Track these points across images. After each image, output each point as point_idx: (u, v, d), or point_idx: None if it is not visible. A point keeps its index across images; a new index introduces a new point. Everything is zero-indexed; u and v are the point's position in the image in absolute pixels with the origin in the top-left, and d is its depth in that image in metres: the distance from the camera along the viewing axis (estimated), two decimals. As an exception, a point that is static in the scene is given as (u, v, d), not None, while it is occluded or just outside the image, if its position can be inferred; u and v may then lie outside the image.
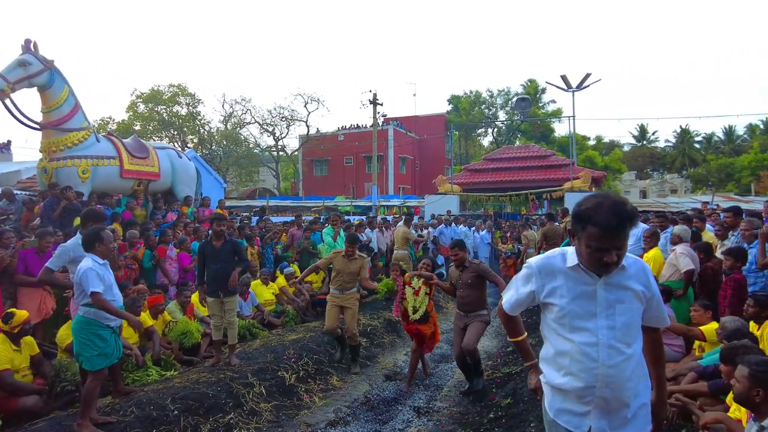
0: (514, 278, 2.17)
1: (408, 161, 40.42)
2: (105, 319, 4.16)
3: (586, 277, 1.88)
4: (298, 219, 11.36)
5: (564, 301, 1.92)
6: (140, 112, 34.94)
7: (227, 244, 5.74)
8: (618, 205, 1.75)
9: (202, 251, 5.78)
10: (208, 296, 5.69)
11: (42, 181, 9.37)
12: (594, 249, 1.78)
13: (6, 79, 8.40)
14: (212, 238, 5.81)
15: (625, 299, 1.86)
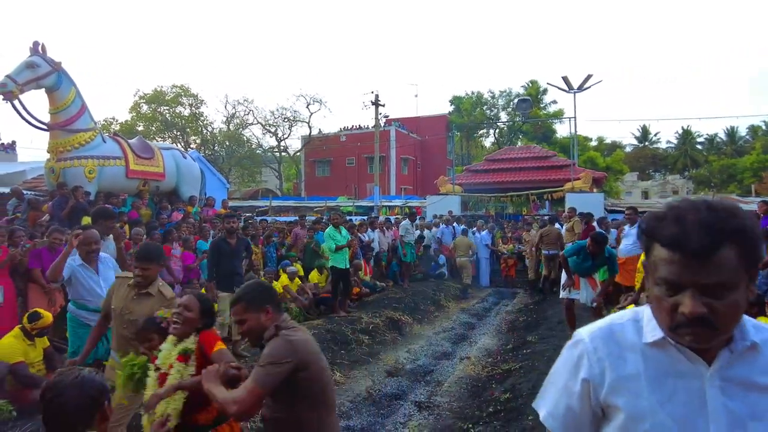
0: (553, 370, 1.23)
1: (410, 162, 40.55)
2: (83, 317, 4.23)
3: (682, 362, 1.04)
4: (302, 219, 11.50)
5: (642, 406, 1.04)
6: (143, 113, 35.13)
7: (241, 242, 5.92)
8: (708, 211, 0.97)
9: (217, 248, 5.91)
10: (220, 291, 5.81)
11: (50, 181, 9.52)
12: (666, 289, 0.99)
13: (15, 80, 8.56)
14: (226, 235, 5.94)
15: (766, 414, 0.99)
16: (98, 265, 4.35)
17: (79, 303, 4.27)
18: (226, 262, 5.86)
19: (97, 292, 4.27)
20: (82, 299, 4.26)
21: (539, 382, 4.96)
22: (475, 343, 7.94)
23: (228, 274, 5.81)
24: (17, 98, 8.70)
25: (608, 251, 6.23)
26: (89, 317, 4.24)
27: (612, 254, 6.24)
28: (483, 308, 10.75)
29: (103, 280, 4.33)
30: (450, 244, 13.17)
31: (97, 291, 4.27)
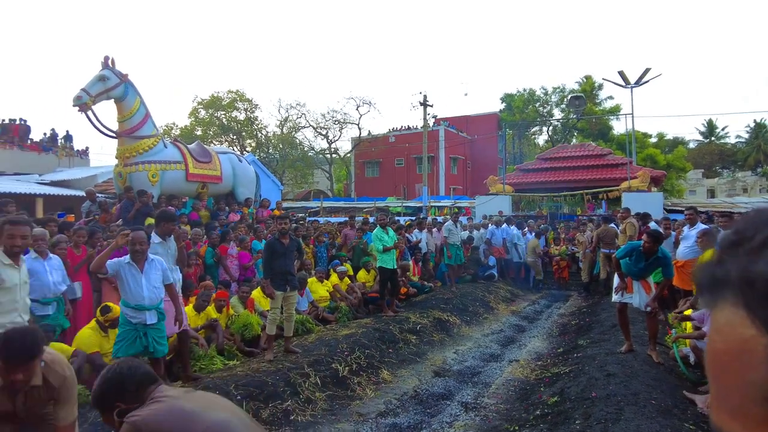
0: None
1: (459, 161, 40.22)
2: (126, 314, 4.58)
3: None
4: (351, 220, 11.73)
5: None
6: (201, 118, 36.67)
7: (293, 242, 6.25)
8: None
9: (272, 248, 6.19)
10: (276, 290, 6.10)
11: (118, 185, 10.20)
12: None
13: (88, 93, 9.25)
14: (279, 236, 6.22)
15: None
16: (145, 265, 4.62)
17: (124, 300, 4.60)
18: (279, 261, 6.13)
19: (139, 290, 4.57)
20: (125, 296, 4.58)
21: (588, 386, 4.91)
22: (524, 345, 7.84)
23: (281, 273, 6.08)
24: (90, 109, 9.40)
25: (662, 251, 5.91)
26: (130, 314, 4.56)
27: (666, 255, 5.90)
28: (534, 311, 10.57)
29: (146, 280, 4.60)
30: (500, 245, 13.02)
31: (139, 290, 4.57)
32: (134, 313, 4.57)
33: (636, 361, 5.41)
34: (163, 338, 4.76)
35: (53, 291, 5.23)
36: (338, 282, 8.99)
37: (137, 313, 4.57)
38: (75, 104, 9.29)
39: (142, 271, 4.60)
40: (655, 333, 5.81)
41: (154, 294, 4.64)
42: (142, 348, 4.57)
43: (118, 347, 4.54)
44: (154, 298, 4.64)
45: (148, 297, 4.59)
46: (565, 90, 40.58)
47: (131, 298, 4.57)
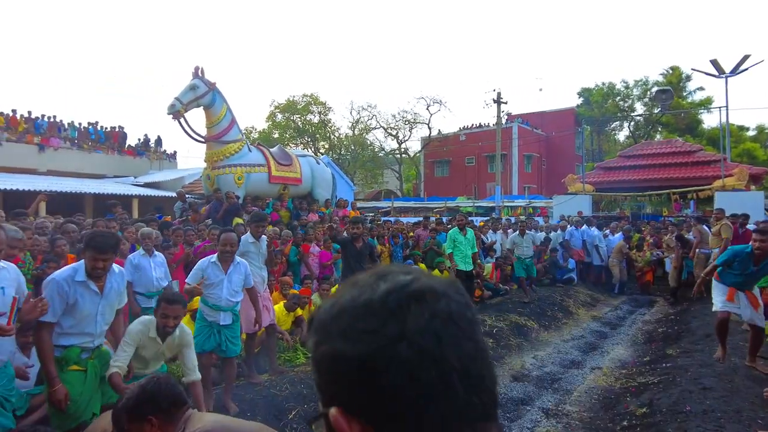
0: None
1: (534, 159, 39.07)
2: (204, 312, 4.67)
3: None
4: (425, 220, 11.78)
5: None
6: (278, 122, 38.23)
7: (365, 245, 6.34)
8: None
9: (344, 248, 6.37)
10: None
11: (206, 187, 10.91)
12: None
13: (181, 101, 9.97)
14: (352, 239, 6.35)
15: None
16: (230, 267, 4.67)
17: (203, 297, 4.69)
18: (350, 263, 6.26)
19: (219, 292, 4.61)
20: (205, 294, 4.66)
21: (681, 399, 4.67)
22: (607, 353, 7.53)
23: (351, 274, 6.25)
24: (183, 116, 10.13)
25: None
26: (207, 311, 4.65)
27: None
28: (616, 317, 10.10)
29: (228, 282, 4.63)
30: (579, 248, 12.54)
31: (219, 291, 4.61)
32: (210, 311, 4.62)
33: (737, 376, 5.05)
34: (236, 338, 4.78)
35: (156, 286, 5.69)
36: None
37: (213, 313, 4.61)
38: (169, 112, 10.04)
39: (226, 273, 4.64)
40: (758, 347, 5.32)
41: (232, 296, 4.66)
42: (215, 345, 4.60)
43: (195, 342, 4.63)
44: (231, 301, 4.66)
45: (226, 299, 4.62)
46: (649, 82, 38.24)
47: (210, 297, 4.62)
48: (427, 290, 0.56)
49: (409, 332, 0.52)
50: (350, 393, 0.54)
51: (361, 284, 0.59)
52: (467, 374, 0.54)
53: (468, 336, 0.55)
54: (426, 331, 0.52)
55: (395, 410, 0.52)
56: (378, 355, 0.52)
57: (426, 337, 0.52)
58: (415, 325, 0.52)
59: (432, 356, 0.52)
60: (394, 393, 0.51)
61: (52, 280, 3.16)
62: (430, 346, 0.52)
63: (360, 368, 0.53)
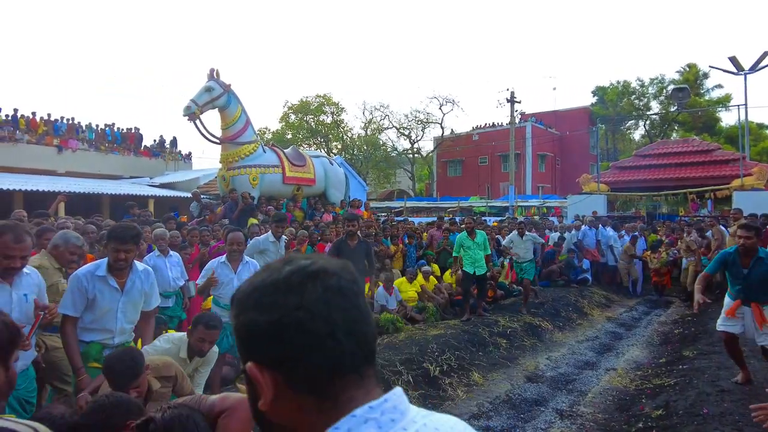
0: None
1: (548, 158, 38.79)
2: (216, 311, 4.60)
3: None
4: (440, 220, 11.78)
5: None
6: (291, 122, 38.46)
7: (361, 244, 6.02)
8: None
9: (338, 249, 6.04)
10: None
11: (221, 187, 11.03)
12: None
13: (197, 103, 10.10)
14: (347, 237, 6.09)
15: None
16: (239, 266, 4.70)
17: (215, 297, 4.72)
18: None
19: (228, 291, 4.61)
20: (216, 294, 4.68)
21: (698, 401, 4.63)
22: (622, 354, 7.47)
23: None
24: (198, 118, 10.25)
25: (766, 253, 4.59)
26: (219, 312, 4.59)
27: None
28: (631, 318, 10.01)
29: (238, 281, 4.62)
30: (593, 248, 12.43)
31: (229, 290, 4.61)
32: (221, 312, 4.60)
33: (755, 378, 4.98)
34: None
35: (172, 285, 5.78)
36: (424, 282, 9.08)
37: (225, 313, 4.60)
38: (185, 114, 10.18)
39: (235, 272, 4.68)
40: None
41: None
42: (228, 347, 4.57)
43: None
44: None
45: None
46: (665, 80, 37.80)
47: (221, 297, 4.65)
48: (322, 270, 0.71)
49: (306, 302, 0.68)
50: (262, 351, 0.70)
51: (272, 268, 0.74)
52: (351, 331, 0.70)
53: (353, 304, 0.72)
54: (319, 300, 0.69)
55: (295, 359, 0.68)
56: (282, 321, 0.68)
57: (318, 305, 0.69)
58: (310, 297, 0.69)
59: (323, 318, 0.68)
60: (294, 347, 0.68)
61: (74, 276, 3.24)
62: (321, 311, 0.68)
63: (268, 331, 0.69)
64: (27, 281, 2.91)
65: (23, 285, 2.85)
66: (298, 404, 0.69)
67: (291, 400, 0.69)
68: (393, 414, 0.69)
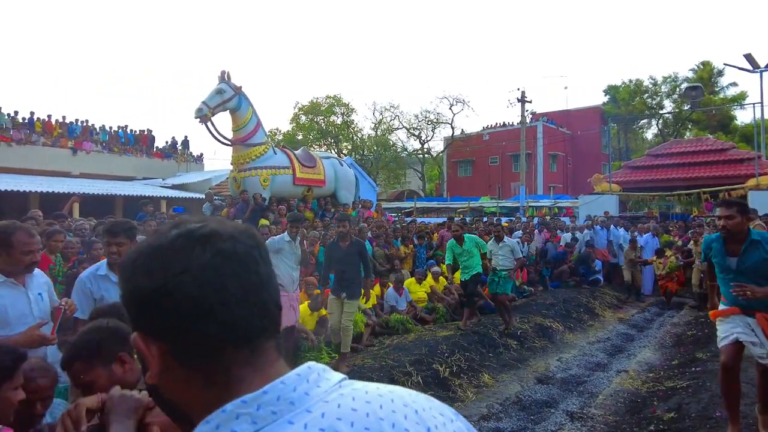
0: None
1: (559, 158, 38.54)
2: None
3: None
4: (450, 221, 11.77)
5: None
6: (302, 123, 38.63)
7: (353, 245, 5.84)
8: None
9: (329, 252, 5.89)
10: (331, 293, 5.84)
11: (233, 189, 11.13)
12: None
13: (208, 105, 10.19)
14: (338, 239, 5.90)
15: None
16: None
17: None
18: (338, 265, 5.79)
19: None
20: None
21: (711, 404, 4.59)
22: (633, 356, 7.41)
23: (339, 277, 5.74)
24: (210, 120, 10.34)
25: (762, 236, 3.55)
26: None
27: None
28: (644, 319, 9.92)
29: None
30: (604, 248, 12.34)
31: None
32: None
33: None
34: None
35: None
36: (434, 283, 9.09)
37: None
38: (196, 116, 10.28)
39: None
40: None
41: None
42: None
43: None
44: None
45: None
46: (678, 78, 37.40)
47: None
48: (213, 233, 0.66)
49: (193, 267, 0.63)
50: (147, 319, 0.65)
51: (159, 232, 0.69)
52: (247, 301, 0.65)
53: (252, 270, 0.66)
54: (207, 265, 0.63)
55: (182, 328, 0.63)
56: (166, 286, 0.63)
57: (206, 270, 0.63)
58: (197, 262, 0.63)
59: (212, 286, 0.63)
60: (180, 315, 0.63)
61: (78, 279, 3.31)
62: (210, 277, 0.63)
63: (152, 297, 0.64)
64: (37, 281, 2.95)
65: (35, 285, 2.88)
66: (186, 379, 0.65)
67: (179, 375, 0.65)
68: (276, 406, 0.60)
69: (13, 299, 2.67)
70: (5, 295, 2.66)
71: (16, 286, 2.75)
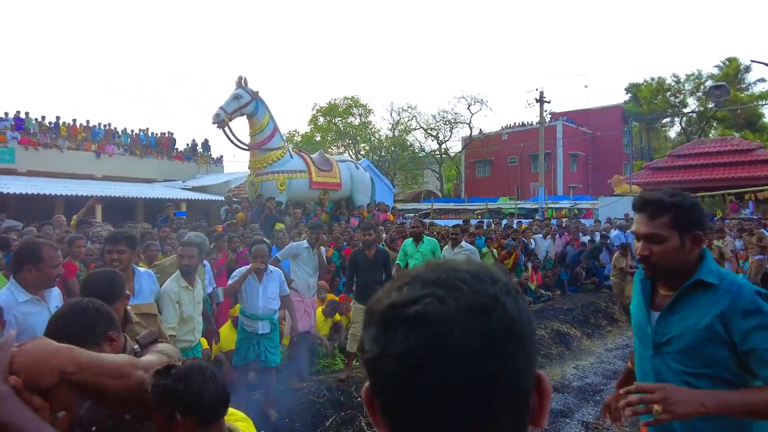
0: None
1: (579, 158, 38.01)
2: (243, 322, 4.82)
3: None
4: (465, 223, 11.68)
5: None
6: (320, 125, 38.81)
7: (379, 253, 5.74)
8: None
9: (354, 260, 5.78)
10: (356, 301, 5.73)
11: (250, 193, 11.24)
12: None
13: (225, 111, 10.31)
14: (364, 247, 5.76)
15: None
16: (264, 276, 4.77)
17: (241, 308, 4.83)
18: (363, 273, 5.67)
19: (255, 300, 4.73)
20: (242, 304, 4.79)
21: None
22: (653, 363, 7.28)
23: (363, 286, 5.63)
24: (227, 125, 10.46)
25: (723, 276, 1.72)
26: (246, 322, 4.78)
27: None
28: (664, 324, 9.72)
29: (263, 291, 4.74)
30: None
31: (255, 300, 4.73)
32: (249, 321, 4.72)
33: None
34: (275, 348, 4.84)
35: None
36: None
37: (251, 322, 4.70)
38: (214, 122, 10.40)
39: (260, 282, 4.74)
40: None
41: (268, 304, 4.74)
42: (254, 356, 4.68)
43: (237, 356, 4.83)
44: (267, 308, 4.74)
45: (263, 307, 4.69)
46: (702, 76, 36.55)
47: (247, 306, 4.74)
48: (423, 316, 0.56)
49: (391, 351, 0.56)
50: (369, 375, 0.61)
51: (389, 288, 0.63)
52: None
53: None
54: (407, 352, 0.55)
55: (384, 401, 0.58)
56: (370, 361, 0.59)
57: (407, 357, 0.55)
58: (397, 347, 0.56)
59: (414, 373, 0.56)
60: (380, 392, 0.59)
61: None
62: (412, 363, 0.55)
63: (365, 362, 0.61)
64: (53, 294, 3.00)
65: (52, 298, 2.95)
66: None
67: None
68: None
69: (38, 316, 2.69)
70: (32, 313, 2.69)
71: (40, 302, 2.80)
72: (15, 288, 2.76)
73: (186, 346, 4.02)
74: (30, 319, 2.67)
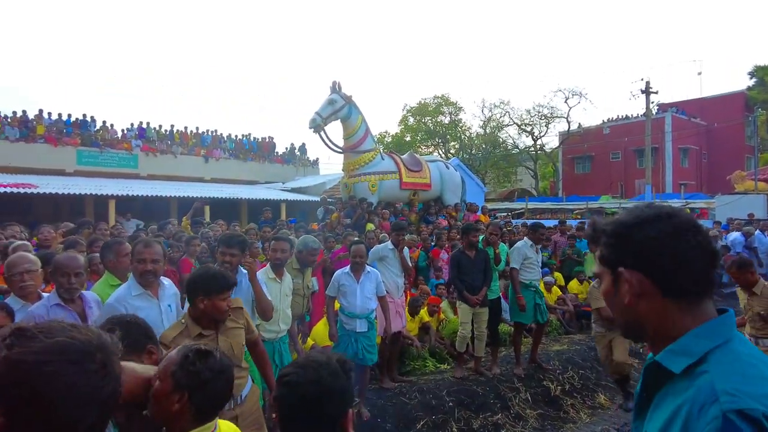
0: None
1: (691, 152, 34.70)
2: (343, 322, 4.88)
3: None
4: (562, 225, 11.15)
5: None
6: (410, 125, 38.99)
7: (480, 254, 5.77)
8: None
9: (458, 261, 5.82)
10: (461, 302, 5.76)
11: (344, 194, 11.59)
12: None
13: (321, 116, 10.71)
14: (465, 248, 5.83)
15: None
16: (362, 276, 4.90)
17: (341, 307, 4.97)
18: (466, 274, 5.71)
19: (353, 300, 4.83)
20: (341, 303, 4.94)
21: None
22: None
23: (467, 287, 5.68)
24: (323, 129, 10.86)
25: None
26: (344, 320, 4.88)
27: None
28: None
29: (361, 291, 4.84)
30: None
31: (353, 299, 4.83)
32: (347, 320, 4.86)
33: None
34: (372, 347, 4.94)
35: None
36: (546, 293, 8.63)
37: (350, 321, 4.85)
38: (310, 126, 10.84)
39: (358, 282, 4.86)
40: None
41: (365, 304, 4.86)
42: (352, 354, 4.73)
43: (337, 350, 4.88)
44: (365, 307, 4.85)
45: (360, 306, 4.82)
46: None
47: (345, 305, 4.91)
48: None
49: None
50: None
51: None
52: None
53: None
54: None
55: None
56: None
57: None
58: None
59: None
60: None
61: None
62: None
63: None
64: (168, 292, 3.16)
65: (166, 296, 3.15)
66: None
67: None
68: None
69: (148, 311, 2.89)
70: (142, 307, 2.89)
71: (151, 298, 3.04)
72: (132, 282, 3.05)
73: (272, 336, 4.09)
74: (140, 314, 2.69)
